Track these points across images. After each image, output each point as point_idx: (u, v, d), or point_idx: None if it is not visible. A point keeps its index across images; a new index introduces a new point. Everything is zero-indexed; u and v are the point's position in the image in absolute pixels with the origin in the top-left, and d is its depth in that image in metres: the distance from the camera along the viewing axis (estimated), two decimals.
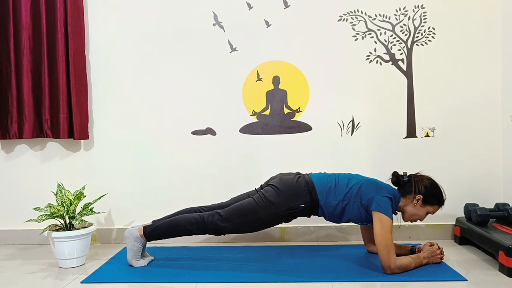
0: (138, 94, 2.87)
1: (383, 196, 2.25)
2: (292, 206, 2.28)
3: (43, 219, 2.42)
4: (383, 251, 2.16)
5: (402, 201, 2.34)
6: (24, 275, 2.33)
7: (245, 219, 2.29)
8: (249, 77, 2.83)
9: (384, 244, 2.16)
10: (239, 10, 2.81)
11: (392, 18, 2.78)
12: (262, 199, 2.29)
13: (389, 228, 2.19)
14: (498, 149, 2.78)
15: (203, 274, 2.27)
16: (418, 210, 2.32)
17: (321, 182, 2.33)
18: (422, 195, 2.30)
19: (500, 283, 2.06)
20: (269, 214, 2.28)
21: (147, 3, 2.84)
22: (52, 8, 2.75)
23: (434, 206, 2.33)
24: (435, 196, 2.32)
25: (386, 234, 2.17)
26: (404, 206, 2.34)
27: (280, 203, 2.28)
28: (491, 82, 2.77)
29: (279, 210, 2.28)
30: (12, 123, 2.79)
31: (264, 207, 2.28)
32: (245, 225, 2.31)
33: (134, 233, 2.34)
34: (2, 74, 2.79)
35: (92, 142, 2.90)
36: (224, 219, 2.28)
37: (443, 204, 2.35)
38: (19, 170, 2.92)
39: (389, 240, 2.17)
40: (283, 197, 2.28)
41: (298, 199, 2.29)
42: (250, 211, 2.29)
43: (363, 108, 2.81)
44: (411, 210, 2.33)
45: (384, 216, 2.19)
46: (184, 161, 2.86)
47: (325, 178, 2.36)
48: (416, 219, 2.35)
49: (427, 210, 2.33)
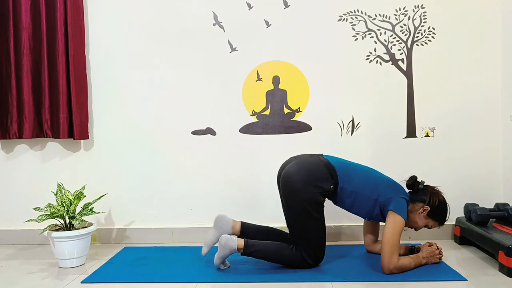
0: (138, 94, 2.87)
1: (401, 198, 2.26)
2: (323, 189, 2.24)
3: (43, 219, 2.42)
4: (389, 251, 2.16)
5: (410, 207, 2.33)
6: (24, 275, 2.33)
7: (317, 235, 2.27)
8: (249, 77, 2.83)
9: (391, 244, 2.16)
10: (239, 10, 2.81)
11: (392, 18, 2.78)
12: (305, 203, 2.24)
13: (400, 230, 2.19)
14: (498, 149, 2.78)
15: (203, 274, 2.27)
16: (420, 219, 2.32)
17: (340, 167, 2.30)
18: (431, 207, 2.30)
19: (500, 283, 2.06)
20: (317, 209, 2.26)
21: (147, 3, 2.84)
22: (52, 8, 2.75)
23: (435, 222, 2.34)
24: (441, 214, 2.33)
25: (396, 235, 2.17)
26: (410, 210, 2.32)
27: (313, 191, 2.23)
28: (491, 82, 2.77)
29: (317, 198, 2.24)
30: (12, 123, 2.79)
31: (311, 209, 2.24)
32: (320, 237, 2.29)
33: (232, 246, 2.23)
34: (2, 74, 2.79)
35: (92, 142, 2.90)
36: (311, 252, 2.27)
37: (443, 224, 2.37)
38: (19, 170, 2.92)
39: (396, 241, 2.17)
40: (310, 185, 2.23)
41: (325, 182, 2.25)
42: (311, 226, 2.26)
43: (363, 108, 2.81)
44: (413, 217, 2.32)
45: (399, 217, 2.19)
46: (184, 161, 2.86)
47: (344, 164, 2.34)
48: (413, 227, 2.36)
49: (427, 223, 2.33)
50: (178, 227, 2.87)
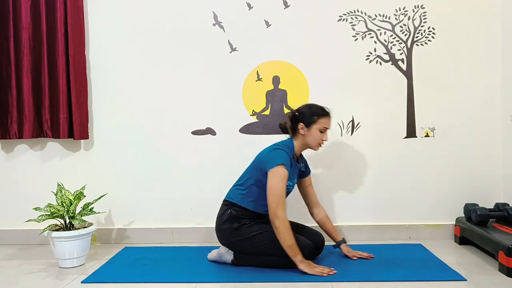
0: (138, 94, 2.86)
1: (271, 152, 2.29)
2: (230, 219, 2.35)
3: (43, 219, 2.42)
4: (273, 200, 2.19)
5: (297, 142, 2.36)
6: (24, 275, 2.33)
7: (266, 245, 2.30)
8: (249, 77, 2.83)
9: (273, 193, 2.20)
10: (239, 10, 2.81)
11: (392, 18, 2.78)
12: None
13: (280, 176, 2.21)
14: (498, 149, 2.78)
15: (203, 274, 2.27)
16: (308, 135, 2.34)
17: (231, 192, 2.44)
18: (300, 118, 2.33)
19: (500, 283, 2.06)
20: (244, 231, 2.33)
21: (147, 3, 2.84)
22: (52, 8, 2.75)
23: (319, 121, 2.33)
24: (311, 113, 2.33)
25: (276, 184, 2.20)
26: (301, 143, 2.36)
27: (228, 233, 2.35)
28: (491, 82, 2.77)
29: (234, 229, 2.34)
30: (12, 123, 2.79)
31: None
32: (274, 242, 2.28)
33: (228, 259, 2.39)
34: (2, 74, 2.79)
35: (92, 142, 2.90)
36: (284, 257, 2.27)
37: (326, 113, 2.35)
38: (19, 170, 2.93)
39: (278, 190, 2.20)
40: (222, 233, 2.39)
41: (224, 218, 2.37)
42: (256, 245, 2.32)
43: (363, 108, 2.81)
44: (305, 139, 2.35)
45: (276, 168, 2.22)
46: (184, 161, 2.86)
47: (235, 186, 2.46)
48: (317, 143, 2.35)
49: (317, 129, 2.33)
50: (178, 227, 2.87)
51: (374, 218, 2.82)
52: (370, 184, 2.82)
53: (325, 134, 2.36)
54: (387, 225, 2.80)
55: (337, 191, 2.83)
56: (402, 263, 2.34)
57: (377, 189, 2.82)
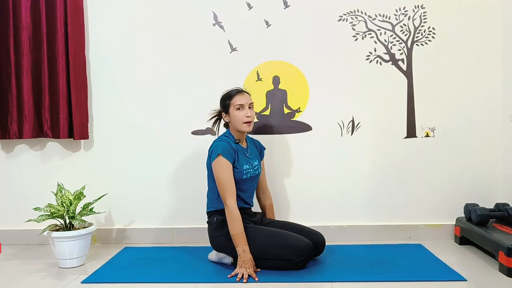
0: (138, 94, 2.86)
1: (209, 148, 2.40)
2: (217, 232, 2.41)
3: (43, 219, 2.42)
4: (220, 190, 2.30)
5: (231, 129, 2.45)
6: (24, 275, 2.33)
7: (269, 247, 2.32)
8: (249, 77, 2.83)
9: (219, 184, 2.30)
10: (239, 10, 2.81)
11: (392, 18, 2.78)
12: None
13: (220, 166, 2.29)
14: (498, 149, 2.78)
15: (203, 274, 2.28)
16: (233, 118, 2.39)
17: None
18: (223, 111, 2.44)
19: (500, 283, 2.06)
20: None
21: (147, 3, 2.84)
22: (52, 8, 2.75)
23: (231, 103, 2.39)
24: (223, 100, 2.44)
25: (219, 174, 2.29)
26: (232, 129, 2.44)
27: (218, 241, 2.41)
28: (491, 82, 2.77)
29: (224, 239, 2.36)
30: (12, 123, 2.79)
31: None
32: (274, 244, 2.31)
33: (227, 262, 2.40)
34: (2, 74, 2.79)
35: (92, 142, 2.90)
36: (284, 260, 2.30)
37: (234, 92, 2.41)
38: (19, 170, 2.93)
39: (222, 180, 2.28)
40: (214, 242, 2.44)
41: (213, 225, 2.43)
42: (258, 244, 2.33)
43: (363, 108, 2.81)
44: (233, 124, 2.41)
45: (215, 160, 2.31)
46: (184, 161, 2.86)
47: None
48: (241, 122, 2.38)
49: (234, 112, 2.38)
50: (178, 227, 2.87)
51: (374, 218, 2.82)
52: (370, 184, 2.82)
53: (245, 110, 2.39)
54: (387, 225, 2.80)
55: (337, 191, 2.83)
56: (402, 263, 2.34)
57: (377, 189, 2.82)
